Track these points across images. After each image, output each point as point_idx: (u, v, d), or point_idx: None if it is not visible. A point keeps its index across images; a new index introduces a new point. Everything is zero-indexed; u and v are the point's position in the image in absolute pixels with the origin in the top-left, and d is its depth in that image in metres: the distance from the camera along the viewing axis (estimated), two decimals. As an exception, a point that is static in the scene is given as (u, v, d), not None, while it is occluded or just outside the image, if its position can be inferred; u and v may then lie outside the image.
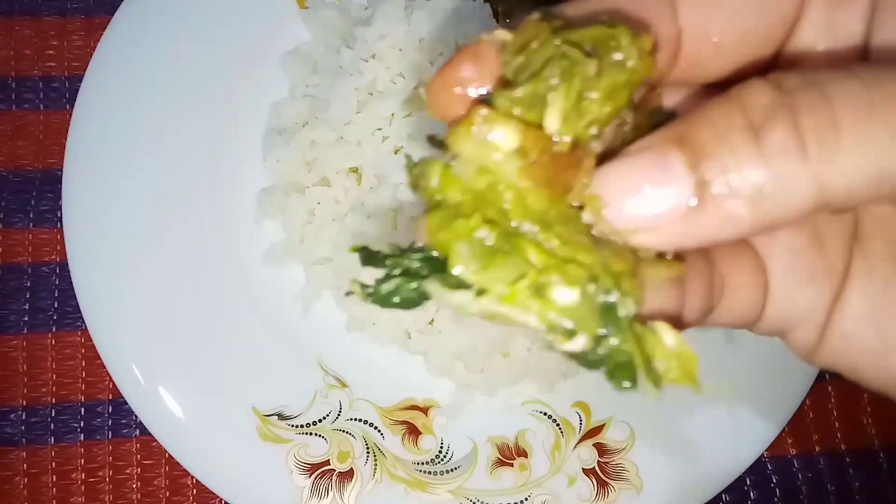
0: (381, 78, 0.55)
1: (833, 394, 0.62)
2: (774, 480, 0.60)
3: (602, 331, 0.22)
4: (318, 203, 0.56)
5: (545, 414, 0.55)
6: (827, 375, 0.62)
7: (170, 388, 0.52)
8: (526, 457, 0.54)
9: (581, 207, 0.23)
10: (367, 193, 0.55)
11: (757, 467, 0.58)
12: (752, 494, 0.59)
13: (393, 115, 0.55)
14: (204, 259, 0.55)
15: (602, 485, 0.53)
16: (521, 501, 0.52)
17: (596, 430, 0.55)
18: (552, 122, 0.22)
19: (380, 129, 0.55)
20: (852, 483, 0.60)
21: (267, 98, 0.59)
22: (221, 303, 0.55)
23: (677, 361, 0.22)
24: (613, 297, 0.22)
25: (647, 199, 0.22)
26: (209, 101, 0.58)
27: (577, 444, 0.55)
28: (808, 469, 0.60)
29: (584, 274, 0.22)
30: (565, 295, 0.22)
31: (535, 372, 0.55)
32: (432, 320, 0.55)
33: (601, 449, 0.54)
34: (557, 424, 0.55)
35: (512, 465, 0.54)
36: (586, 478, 0.53)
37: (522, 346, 0.55)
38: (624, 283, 0.22)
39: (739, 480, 0.57)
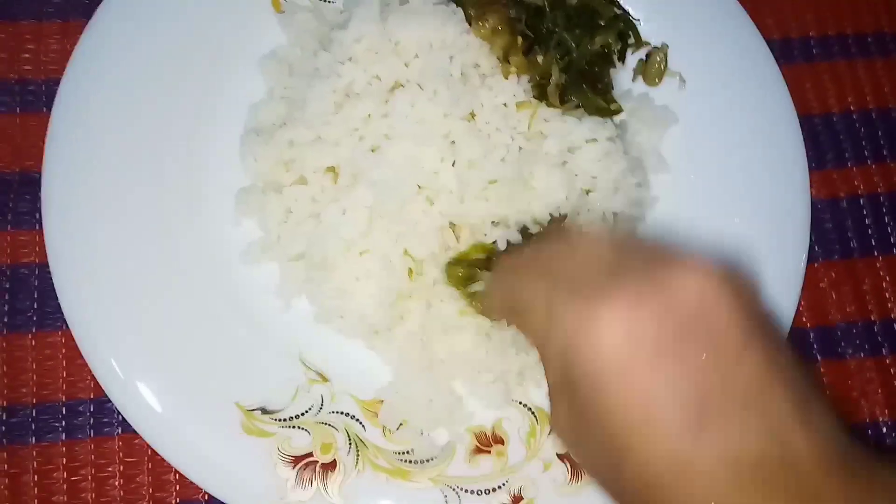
0: (357, 80, 0.56)
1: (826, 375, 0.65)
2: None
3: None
4: (296, 200, 0.57)
5: (521, 403, 0.57)
6: (818, 357, 0.65)
7: (154, 387, 0.52)
8: (503, 444, 0.56)
9: None
10: (342, 190, 0.57)
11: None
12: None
13: (370, 115, 0.56)
14: (186, 259, 0.56)
15: (576, 468, 0.55)
16: (499, 486, 0.54)
17: (569, 417, 0.57)
18: None
19: (356, 130, 0.56)
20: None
21: (245, 100, 0.61)
22: (204, 301, 0.56)
23: None
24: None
25: None
26: (187, 102, 0.59)
27: (552, 430, 0.57)
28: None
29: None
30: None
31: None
32: (402, 316, 0.57)
33: (575, 434, 0.56)
34: (532, 413, 0.57)
35: (489, 452, 0.55)
36: (560, 462, 0.55)
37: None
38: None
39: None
